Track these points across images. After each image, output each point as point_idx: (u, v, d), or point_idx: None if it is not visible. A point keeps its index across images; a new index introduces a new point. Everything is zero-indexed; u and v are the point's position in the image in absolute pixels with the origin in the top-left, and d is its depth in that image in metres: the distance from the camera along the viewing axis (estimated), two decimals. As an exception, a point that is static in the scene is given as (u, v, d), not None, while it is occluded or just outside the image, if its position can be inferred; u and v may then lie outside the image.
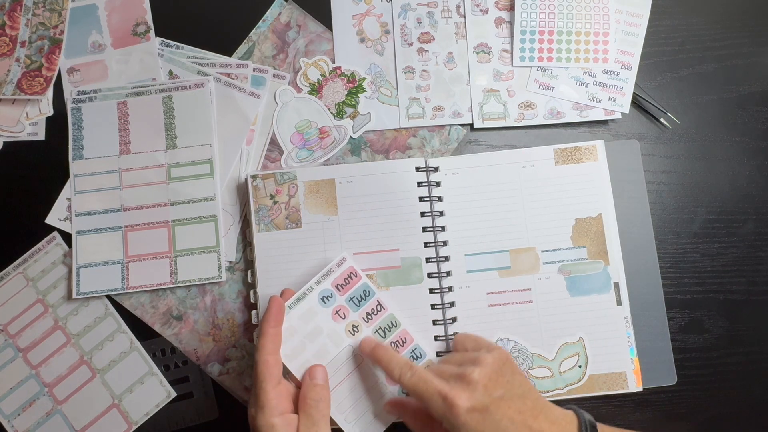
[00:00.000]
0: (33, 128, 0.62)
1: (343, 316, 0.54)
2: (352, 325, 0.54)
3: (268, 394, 0.47)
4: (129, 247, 0.59)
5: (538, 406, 0.47)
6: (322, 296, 0.54)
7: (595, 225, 0.59)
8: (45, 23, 0.63)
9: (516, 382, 0.48)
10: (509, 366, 0.49)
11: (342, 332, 0.54)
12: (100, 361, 0.59)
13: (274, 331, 0.50)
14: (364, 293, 0.55)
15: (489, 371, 0.47)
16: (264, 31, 0.64)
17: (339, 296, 0.54)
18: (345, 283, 0.55)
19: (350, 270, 0.55)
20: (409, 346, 0.55)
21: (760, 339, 0.61)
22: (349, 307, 0.54)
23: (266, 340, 0.49)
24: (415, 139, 0.63)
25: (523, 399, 0.47)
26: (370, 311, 0.55)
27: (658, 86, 0.64)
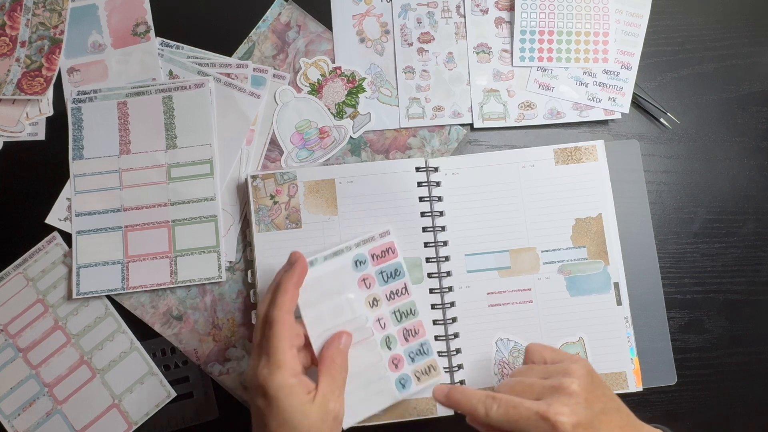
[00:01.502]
0: (33, 128, 0.62)
1: (368, 285, 0.54)
2: (373, 297, 0.54)
3: (286, 354, 0.45)
4: (129, 247, 0.59)
5: (631, 421, 0.44)
6: (356, 260, 0.54)
7: (595, 225, 0.59)
8: (45, 23, 0.63)
9: (608, 395, 0.45)
10: (598, 378, 0.45)
11: (362, 301, 0.54)
12: (100, 361, 0.59)
13: (294, 291, 0.48)
14: (395, 271, 0.55)
15: (585, 383, 0.43)
16: (264, 31, 0.64)
17: (371, 265, 0.55)
18: (381, 255, 0.55)
19: (390, 245, 0.55)
20: (419, 339, 0.55)
21: (760, 339, 0.61)
22: (377, 280, 0.55)
23: (286, 298, 0.46)
24: (415, 139, 0.63)
25: (619, 413, 0.44)
26: (394, 291, 0.55)
27: (658, 86, 0.64)
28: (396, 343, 0.54)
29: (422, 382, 0.54)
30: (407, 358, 0.54)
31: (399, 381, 0.54)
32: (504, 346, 0.58)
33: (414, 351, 0.55)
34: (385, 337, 0.54)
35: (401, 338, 0.54)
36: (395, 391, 0.54)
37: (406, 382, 0.54)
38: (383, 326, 0.54)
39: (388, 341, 0.54)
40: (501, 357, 0.57)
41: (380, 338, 0.54)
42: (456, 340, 0.57)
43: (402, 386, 0.54)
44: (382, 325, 0.54)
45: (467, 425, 0.58)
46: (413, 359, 0.55)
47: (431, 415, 0.56)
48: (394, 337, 0.54)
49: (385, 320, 0.54)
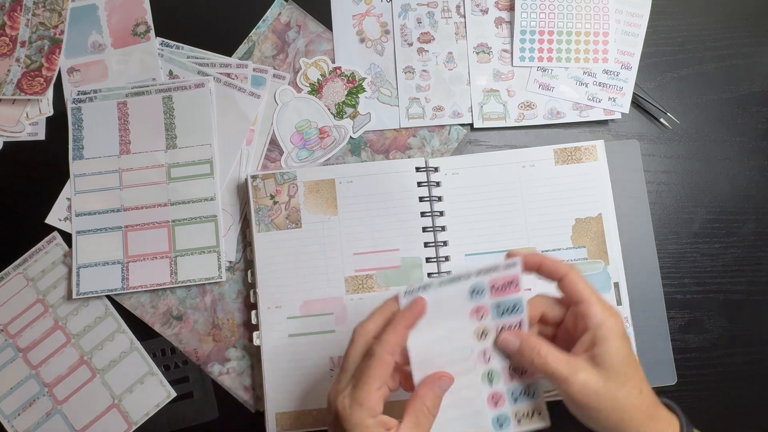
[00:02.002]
0: (33, 128, 0.62)
1: (480, 316, 0.48)
2: (483, 329, 0.48)
3: (371, 394, 0.43)
4: (129, 247, 0.59)
5: (646, 383, 0.46)
6: (474, 289, 0.48)
7: (595, 225, 0.59)
8: (45, 23, 0.63)
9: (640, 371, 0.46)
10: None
11: (471, 331, 0.48)
12: (100, 361, 0.59)
13: (405, 333, 0.45)
14: (513, 306, 0.48)
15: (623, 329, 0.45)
16: (264, 31, 0.64)
17: (489, 296, 0.48)
18: (501, 288, 0.48)
19: (514, 278, 0.48)
20: (527, 380, 0.49)
21: (760, 339, 0.61)
22: (491, 312, 0.48)
23: (394, 338, 0.44)
24: (415, 139, 0.63)
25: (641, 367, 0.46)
26: (507, 326, 0.48)
27: (658, 86, 0.64)
28: (499, 379, 0.49)
29: (522, 426, 0.49)
30: (509, 396, 0.49)
31: (497, 420, 0.49)
32: (504, 346, 0.57)
33: (519, 391, 0.49)
34: (488, 372, 0.49)
35: (506, 375, 0.49)
36: (491, 430, 0.49)
37: (504, 422, 0.49)
38: (488, 360, 0.49)
39: (490, 376, 0.49)
40: (501, 357, 0.57)
41: (482, 372, 0.49)
42: (456, 340, 0.57)
43: (499, 426, 0.49)
44: (486, 359, 0.49)
45: (467, 425, 0.58)
46: (516, 399, 0.49)
47: (431, 415, 0.56)
48: (498, 373, 0.49)
49: (490, 354, 0.49)
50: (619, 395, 0.44)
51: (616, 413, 0.44)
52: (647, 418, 0.45)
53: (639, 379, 0.45)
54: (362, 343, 0.46)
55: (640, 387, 0.45)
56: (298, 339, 0.57)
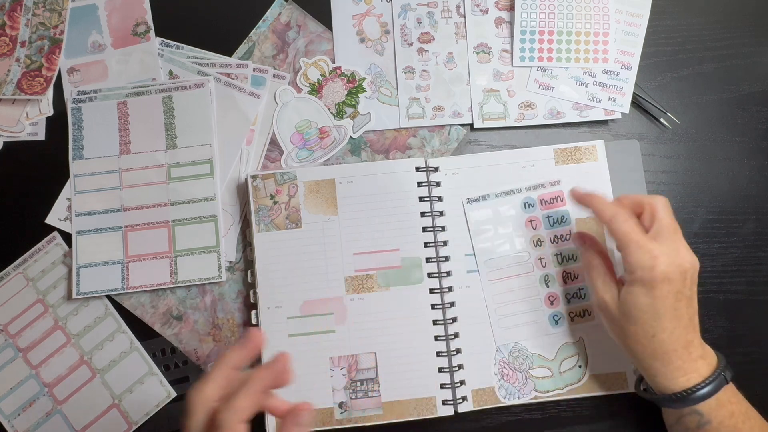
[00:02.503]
0: (33, 128, 0.62)
1: (534, 227, 0.58)
2: (538, 238, 0.58)
3: None
4: (129, 247, 0.59)
5: (696, 326, 0.50)
6: (525, 202, 0.58)
7: (595, 225, 0.59)
8: (45, 23, 0.63)
9: (695, 299, 0.50)
10: (697, 282, 0.50)
11: (527, 238, 0.58)
12: (100, 361, 0.59)
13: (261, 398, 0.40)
14: (561, 218, 0.58)
15: (694, 269, 0.49)
16: (264, 31, 0.64)
17: (539, 209, 0.58)
18: (549, 202, 0.58)
19: (559, 193, 0.58)
20: (578, 284, 0.58)
21: (760, 339, 0.61)
22: (543, 223, 0.58)
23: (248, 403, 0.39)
24: (415, 139, 0.63)
25: (695, 313, 0.49)
26: (559, 235, 0.58)
27: (658, 86, 0.64)
28: (554, 282, 0.58)
29: (575, 323, 0.57)
30: (563, 298, 0.58)
31: (552, 317, 0.57)
32: (504, 346, 0.58)
33: (571, 293, 0.58)
34: (544, 276, 0.58)
35: (560, 279, 0.58)
36: (548, 326, 0.57)
37: (559, 319, 0.57)
38: (544, 265, 0.58)
39: (546, 279, 0.58)
40: (501, 357, 0.57)
41: (539, 276, 0.58)
42: (456, 340, 0.57)
43: (555, 322, 0.57)
44: (543, 264, 0.58)
45: (467, 425, 0.58)
46: (569, 300, 0.58)
47: (431, 415, 0.56)
48: (554, 277, 0.58)
49: (546, 260, 0.58)
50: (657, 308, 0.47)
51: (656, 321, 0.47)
52: (684, 345, 0.48)
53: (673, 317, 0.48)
54: (202, 412, 0.38)
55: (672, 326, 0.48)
56: (298, 339, 0.57)
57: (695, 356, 0.48)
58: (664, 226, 0.49)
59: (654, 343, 0.48)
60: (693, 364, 0.48)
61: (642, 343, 0.48)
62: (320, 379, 0.56)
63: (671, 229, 0.49)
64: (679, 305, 0.48)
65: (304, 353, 0.57)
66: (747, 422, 0.49)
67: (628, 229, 0.49)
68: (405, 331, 0.57)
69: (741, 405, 0.49)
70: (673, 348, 0.48)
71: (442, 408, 0.56)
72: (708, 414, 0.48)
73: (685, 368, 0.48)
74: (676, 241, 0.48)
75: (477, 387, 0.57)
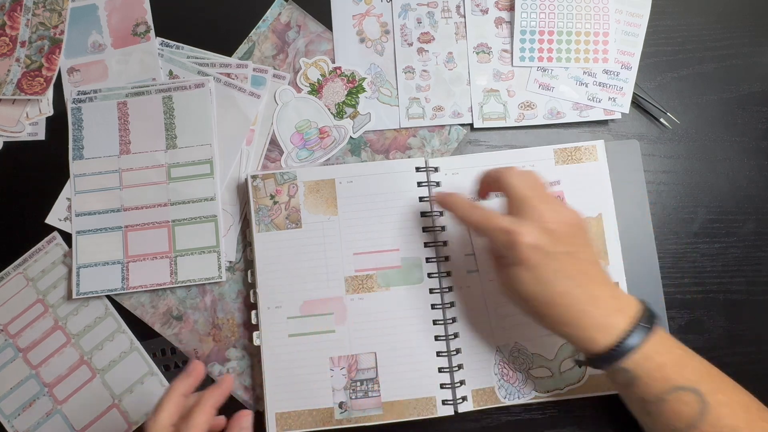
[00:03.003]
0: (33, 128, 0.62)
1: None
2: None
3: None
4: (129, 247, 0.59)
5: (603, 277, 0.47)
6: None
7: (595, 225, 0.59)
8: (45, 23, 0.63)
9: (589, 250, 0.48)
10: (585, 234, 0.48)
11: None
12: (100, 361, 0.59)
13: (213, 412, 0.46)
14: None
15: (563, 226, 0.47)
16: (264, 31, 0.64)
17: None
18: None
19: (560, 194, 0.58)
20: None
21: (760, 339, 0.61)
22: None
23: (205, 418, 0.44)
24: (415, 139, 0.63)
25: (590, 264, 0.47)
26: None
27: (658, 86, 0.64)
28: None
29: None
30: None
31: None
32: (504, 346, 0.58)
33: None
34: None
35: None
36: None
37: None
38: None
39: None
40: (501, 357, 0.57)
41: None
42: (456, 340, 0.57)
43: None
44: None
45: (467, 425, 0.58)
46: None
47: (431, 415, 0.56)
48: None
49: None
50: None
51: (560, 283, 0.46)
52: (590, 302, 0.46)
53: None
54: None
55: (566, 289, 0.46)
56: (298, 339, 0.57)
57: (609, 311, 0.45)
58: (516, 196, 0.48)
59: (558, 311, 0.46)
60: (607, 320, 0.45)
61: (548, 315, 0.47)
62: (320, 379, 0.56)
63: (525, 197, 0.48)
64: (564, 265, 0.46)
65: (304, 353, 0.57)
66: (681, 369, 0.45)
67: (478, 217, 0.49)
68: (405, 331, 0.57)
69: (672, 354, 0.46)
70: (578, 309, 0.45)
71: (442, 408, 0.56)
72: (634, 369, 0.45)
73: (600, 326, 0.45)
74: (536, 206, 0.47)
75: (477, 387, 0.57)
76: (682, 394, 0.44)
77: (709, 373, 0.46)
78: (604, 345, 0.45)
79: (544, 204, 0.47)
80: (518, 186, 0.48)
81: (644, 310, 0.46)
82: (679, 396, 0.44)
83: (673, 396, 0.44)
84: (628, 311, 0.46)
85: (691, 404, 0.44)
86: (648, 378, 0.45)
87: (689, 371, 0.45)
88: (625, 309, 0.46)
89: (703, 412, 0.44)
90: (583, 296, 0.45)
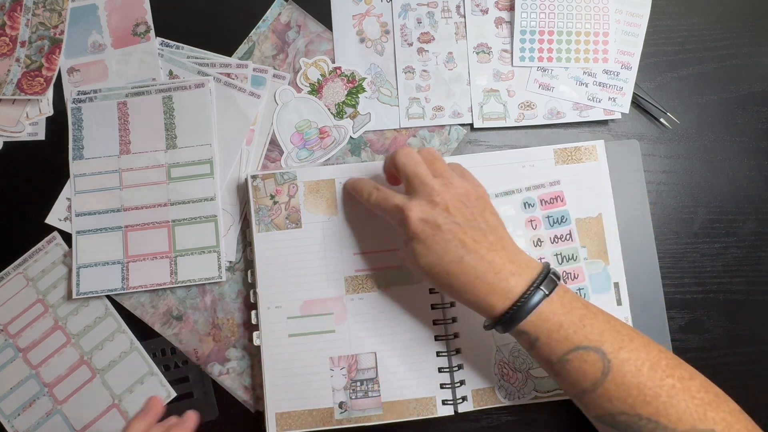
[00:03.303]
0: (33, 128, 0.62)
1: (534, 227, 0.58)
2: (538, 238, 0.58)
3: None
4: (129, 247, 0.59)
5: (501, 243, 0.47)
6: (525, 202, 0.58)
7: (595, 225, 0.59)
8: (45, 23, 0.63)
9: (483, 219, 0.48)
10: (483, 203, 0.49)
11: (528, 238, 0.58)
12: (100, 361, 0.59)
13: None
14: (562, 218, 0.58)
15: (457, 198, 0.48)
16: (264, 31, 0.64)
17: (539, 209, 0.59)
18: (550, 201, 0.58)
19: (560, 194, 0.59)
20: (578, 284, 0.58)
21: (760, 339, 0.61)
22: (543, 223, 0.58)
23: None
24: (415, 139, 0.63)
25: (484, 232, 0.47)
26: (559, 235, 0.58)
27: (658, 86, 0.64)
28: None
29: None
30: None
31: None
32: (504, 346, 0.57)
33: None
34: None
35: None
36: None
37: None
38: None
39: None
40: (501, 357, 0.57)
41: None
42: (456, 340, 0.57)
43: None
44: None
45: (467, 425, 0.58)
46: None
47: (431, 415, 0.56)
48: None
49: (546, 260, 0.58)
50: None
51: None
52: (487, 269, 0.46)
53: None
54: None
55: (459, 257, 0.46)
56: (298, 339, 0.57)
57: (505, 275, 0.46)
58: (407, 175, 0.50)
59: (455, 280, 0.46)
60: (503, 284, 0.45)
61: (448, 285, 0.47)
62: (320, 379, 0.56)
63: (414, 174, 0.49)
64: (456, 236, 0.46)
65: (304, 353, 0.57)
66: (581, 329, 0.45)
67: (377, 198, 0.51)
68: (405, 331, 0.57)
69: (572, 314, 0.45)
70: (473, 276, 0.46)
71: (442, 408, 0.56)
72: (533, 331, 0.45)
73: (496, 291, 0.45)
74: (426, 182, 0.48)
75: (477, 387, 0.57)
76: (584, 353, 0.44)
77: (613, 331, 0.45)
78: (501, 309, 0.46)
79: (434, 179, 0.49)
80: (407, 165, 0.50)
81: (542, 272, 0.46)
82: (580, 355, 0.44)
83: (575, 356, 0.44)
84: (525, 274, 0.46)
85: (594, 363, 0.44)
86: (548, 339, 0.45)
87: (591, 330, 0.45)
88: (523, 272, 0.46)
89: (607, 370, 0.44)
90: (478, 263, 0.46)
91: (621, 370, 0.43)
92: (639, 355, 0.44)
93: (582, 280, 0.58)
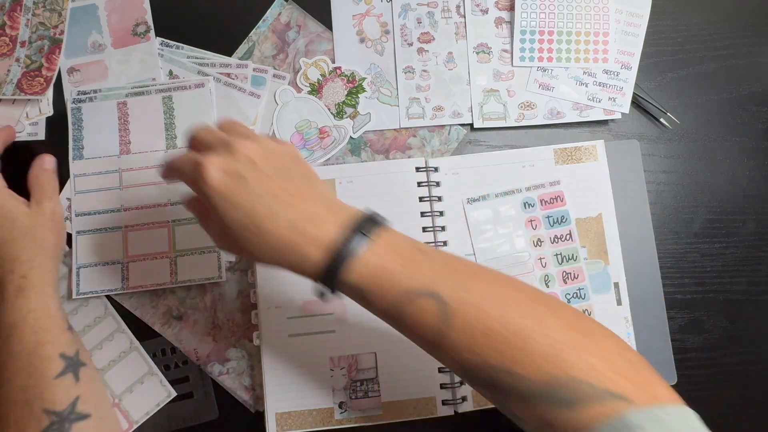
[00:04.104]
0: (33, 128, 0.62)
1: (534, 227, 0.58)
2: (538, 238, 0.58)
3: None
4: (129, 247, 0.59)
5: (315, 192, 0.42)
6: (525, 202, 0.59)
7: (595, 225, 0.59)
8: (45, 23, 0.63)
9: (296, 169, 0.42)
10: (295, 160, 0.43)
11: (527, 238, 0.59)
12: (100, 361, 0.59)
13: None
14: (562, 218, 0.59)
15: (262, 150, 0.41)
16: (264, 31, 0.64)
17: (539, 209, 0.59)
18: (550, 201, 0.59)
19: (560, 194, 0.59)
20: (578, 284, 0.58)
21: (760, 339, 0.61)
22: (543, 223, 0.59)
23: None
24: (415, 139, 0.63)
25: (297, 183, 0.41)
26: (559, 235, 0.59)
27: (658, 86, 0.64)
28: (554, 282, 0.58)
29: None
30: (563, 298, 0.58)
31: None
32: (504, 346, 0.57)
33: (571, 293, 0.58)
34: (544, 276, 0.58)
35: (560, 279, 0.58)
36: None
37: None
38: (544, 266, 0.58)
39: (546, 279, 0.58)
40: (501, 357, 0.57)
41: (539, 276, 0.58)
42: (456, 340, 0.57)
43: None
44: (543, 265, 0.58)
45: (467, 426, 0.58)
46: (569, 300, 0.58)
47: (431, 415, 0.56)
48: (554, 277, 0.58)
49: (546, 260, 0.58)
50: None
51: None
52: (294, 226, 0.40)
53: None
54: None
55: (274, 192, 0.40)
56: (298, 339, 0.57)
57: (321, 222, 0.40)
58: (200, 141, 0.43)
59: (268, 238, 0.40)
60: (319, 232, 0.40)
61: (261, 244, 0.41)
62: (320, 379, 0.56)
63: (207, 135, 0.43)
64: (264, 186, 0.40)
65: (304, 353, 0.57)
66: (414, 274, 0.39)
67: (170, 156, 0.45)
68: (405, 331, 0.57)
69: (402, 258, 0.40)
70: (287, 229, 0.40)
71: (442, 408, 0.56)
72: (359, 281, 0.40)
73: (312, 242, 0.40)
74: (223, 139, 0.42)
75: (477, 387, 0.57)
76: (418, 299, 0.39)
77: (452, 270, 0.40)
78: (320, 261, 0.40)
79: (239, 137, 0.42)
80: (198, 132, 0.44)
81: (363, 216, 0.41)
82: (414, 302, 0.39)
83: (408, 303, 0.39)
84: (343, 221, 0.40)
85: (430, 309, 0.39)
86: (377, 287, 0.39)
87: (424, 273, 0.39)
88: (341, 219, 0.40)
89: (445, 316, 0.38)
90: (293, 215, 0.40)
91: (463, 314, 0.38)
92: (484, 296, 0.39)
93: (582, 280, 0.58)
